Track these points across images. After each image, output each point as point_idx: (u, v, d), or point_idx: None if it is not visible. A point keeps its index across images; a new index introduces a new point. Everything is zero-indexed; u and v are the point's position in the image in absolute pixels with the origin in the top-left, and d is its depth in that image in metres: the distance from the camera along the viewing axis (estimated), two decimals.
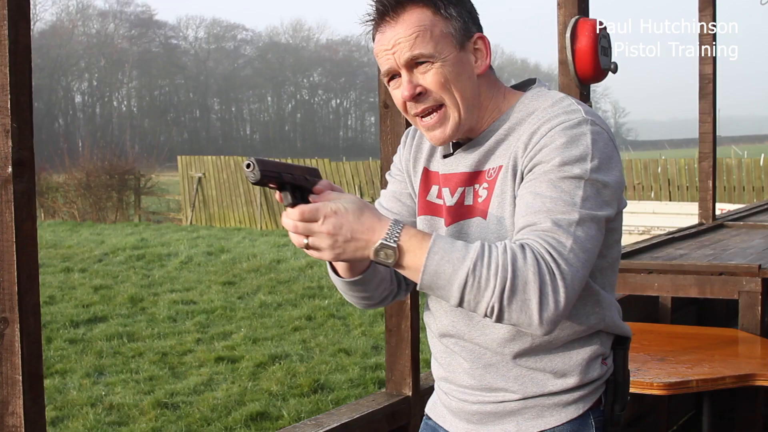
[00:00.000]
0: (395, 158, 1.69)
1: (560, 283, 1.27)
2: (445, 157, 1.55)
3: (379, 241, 1.28)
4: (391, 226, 1.29)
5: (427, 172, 1.59)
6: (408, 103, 1.46)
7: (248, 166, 1.26)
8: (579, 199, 1.34)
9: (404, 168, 1.65)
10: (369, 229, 1.29)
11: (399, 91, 1.46)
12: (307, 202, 1.31)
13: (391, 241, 1.28)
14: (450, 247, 1.27)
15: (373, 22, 1.47)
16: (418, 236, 1.29)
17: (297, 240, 1.31)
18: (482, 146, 1.49)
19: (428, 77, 1.43)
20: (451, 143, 1.55)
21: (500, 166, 1.46)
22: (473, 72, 1.47)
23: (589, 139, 1.38)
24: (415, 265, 1.28)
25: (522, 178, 1.41)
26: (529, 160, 1.40)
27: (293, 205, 1.30)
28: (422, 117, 1.47)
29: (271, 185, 1.30)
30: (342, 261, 1.34)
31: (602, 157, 1.38)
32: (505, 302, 1.25)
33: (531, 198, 1.36)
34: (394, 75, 1.47)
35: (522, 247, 1.28)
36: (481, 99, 1.49)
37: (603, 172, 1.37)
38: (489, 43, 1.50)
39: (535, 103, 1.47)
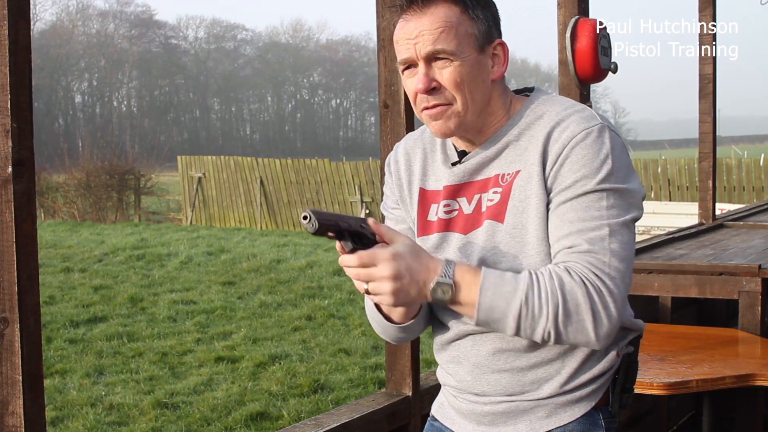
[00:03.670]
0: (386, 190, 1.68)
1: (609, 299, 1.35)
2: (453, 165, 1.54)
3: (436, 279, 1.33)
4: (444, 264, 1.35)
5: (423, 193, 1.58)
6: (419, 96, 1.46)
7: (305, 218, 1.28)
8: (605, 211, 1.39)
9: (398, 196, 1.64)
10: (425, 269, 1.34)
11: (412, 81, 1.46)
12: (367, 247, 1.34)
13: (447, 278, 1.34)
14: (500, 281, 1.34)
15: (399, 8, 1.46)
16: (470, 272, 1.35)
17: (358, 286, 1.36)
18: (491, 151, 1.49)
19: (445, 74, 1.43)
20: (456, 152, 1.54)
21: (517, 171, 1.46)
22: (488, 76, 1.47)
23: (608, 148, 1.41)
24: (469, 301, 1.34)
25: (548, 190, 1.43)
26: (554, 176, 1.42)
27: (354, 251, 1.33)
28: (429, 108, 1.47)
29: (330, 234, 1.32)
30: (402, 304, 1.39)
31: (621, 164, 1.41)
32: (561, 326, 1.33)
33: (560, 221, 1.41)
34: (410, 64, 1.46)
35: (567, 271, 1.35)
36: (492, 103, 1.49)
37: (624, 179, 1.41)
38: (508, 50, 1.51)
39: (543, 107, 1.47)
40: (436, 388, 2.46)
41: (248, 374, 6.36)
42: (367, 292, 1.34)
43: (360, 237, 1.35)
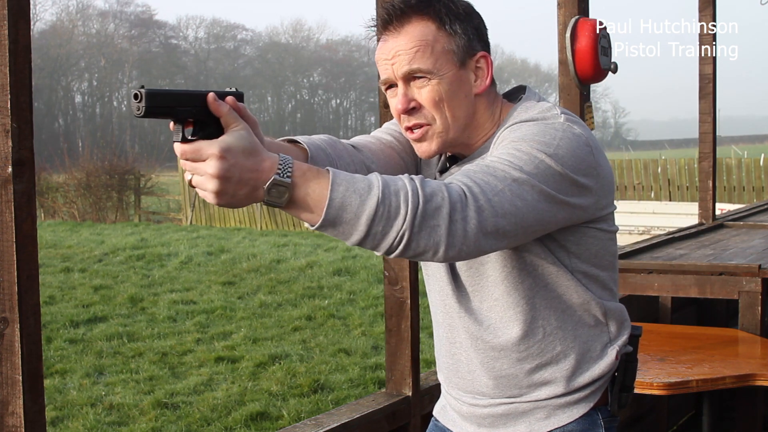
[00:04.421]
0: (390, 125, 1.62)
1: (472, 213, 1.21)
2: (440, 172, 1.55)
3: (272, 179, 1.15)
4: (281, 162, 1.16)
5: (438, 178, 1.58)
6: (402, 116, 1.46)
7: (136, 96, 1.09)
8: (528, 168, 1.29)
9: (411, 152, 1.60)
10: (258, 170, 1.15)
11: (394, 101, 1.46)
12: (209, 138, 1.15)
13: (285, 177, 1.15)
14: (352, 178, 1.18)
15: (377, 29, 1.46)
16: (312, 170, 1.17)
17: (186, 176, 1.19)
18: (475, 161, 1.49)
19: (423, 93, 1.42)
20: (446, 158, 1.55)
21: None
22: (470, 91, 1.45)
23: (559, 134, 1.34)
24: (315, 200, 1.16)
25: None
26: (497, 146, 1.39)
27: (187, 141, 1.16)
28: (412, 129, 1.47)
29: (166, 118, 1.16)
30: (228, 205, 1.17)
31: (568, 154, 1.33)
32: (416, 228, 1.18)
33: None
34: (391, 84, 1.46)
35: (431, 180, 1.22)
36: (477, 117, 1.47)
37: (566, 166, 1.32)
38: (492, 62, 1.48)
39: (524, 114, 1.45)
40: (436, 388, 2.46)
41: (248, 374, 6.36)
42: (191, 184, 1.17)
43: (203, 125, 1.16)
